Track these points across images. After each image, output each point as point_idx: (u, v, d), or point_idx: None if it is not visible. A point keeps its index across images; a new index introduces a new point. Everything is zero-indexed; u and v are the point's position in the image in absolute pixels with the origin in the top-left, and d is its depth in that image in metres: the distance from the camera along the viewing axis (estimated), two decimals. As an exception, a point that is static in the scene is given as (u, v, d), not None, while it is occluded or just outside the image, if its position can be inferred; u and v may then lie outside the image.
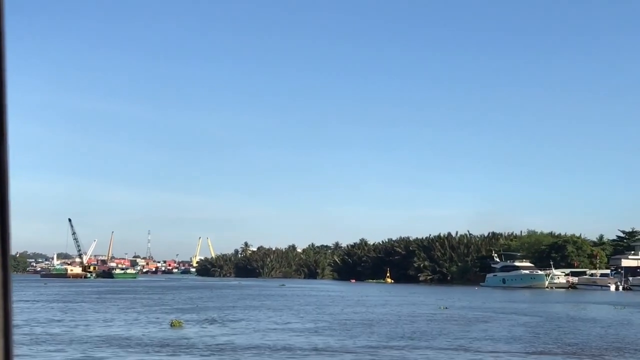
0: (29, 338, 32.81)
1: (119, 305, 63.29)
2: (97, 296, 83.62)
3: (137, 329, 39.22)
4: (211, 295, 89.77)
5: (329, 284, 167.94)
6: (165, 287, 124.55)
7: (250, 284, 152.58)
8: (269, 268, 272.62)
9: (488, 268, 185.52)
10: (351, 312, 56.02)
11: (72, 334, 35.88)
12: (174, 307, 59.99)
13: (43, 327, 39.08)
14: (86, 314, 50.34)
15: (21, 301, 66.93)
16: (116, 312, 52.65)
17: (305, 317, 49.11)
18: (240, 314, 52.19)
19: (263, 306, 63.01)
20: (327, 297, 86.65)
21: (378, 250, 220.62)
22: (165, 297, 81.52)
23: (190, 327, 40.79)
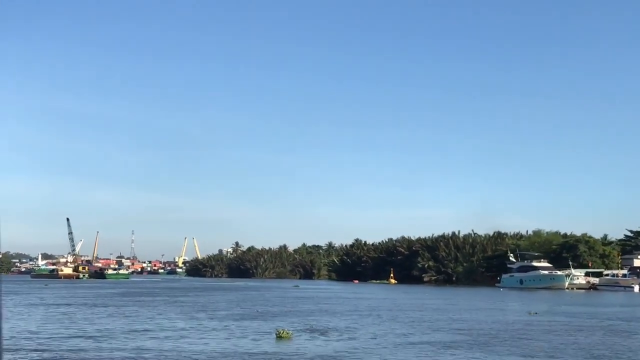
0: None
1: (169, 309, 55.63)
2: (125, 299, 75.71)
3: (239, 341, 32.05)
4: (251, 297, 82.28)
5: (334, 285, 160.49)
6: (182, 289, 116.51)
7: (262, 285, 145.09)
8: (262, 268, 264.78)
9: (494, 268, 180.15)
10: (434, 318, 49.12)
11: (182, 348, 28.58)
12: (236, 313, 52.44)
13: (140, 341, 31.73)
14: (156, 321, 42.81)
15: (55, 305, 59.11)
16: (185, 319, 45.09)
17: (405, 325, 42.05)
18: (326, 320, 44.94)
19: (329, 310, 55.83)
20: (360, 299, 79.57)
21: (379, 250, 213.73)
22: (202, 300, 73.84)
23: (299, 338, 33.59)
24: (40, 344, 30.32)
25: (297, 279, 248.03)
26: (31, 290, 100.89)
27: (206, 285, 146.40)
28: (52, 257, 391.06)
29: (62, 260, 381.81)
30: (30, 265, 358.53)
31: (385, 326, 40.83)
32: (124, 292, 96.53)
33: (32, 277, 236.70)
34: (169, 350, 28.18)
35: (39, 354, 26.85)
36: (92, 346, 29.46)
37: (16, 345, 29.06)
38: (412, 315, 50.58)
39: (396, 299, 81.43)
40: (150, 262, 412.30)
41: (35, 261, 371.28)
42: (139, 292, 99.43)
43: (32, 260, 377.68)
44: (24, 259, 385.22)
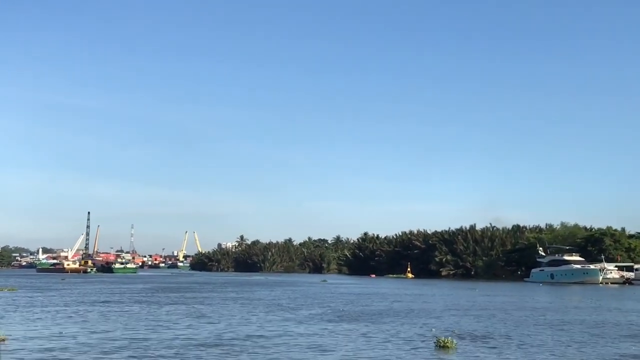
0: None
1: (243, 307, 48.94)
2: (171, 295, 68.89)
3: (396, 351, 25.61)
4: (301, 293, 75.64)
5: (354, 280, 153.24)
6: (211, 284, 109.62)
7: (286, 280, 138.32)
8: (270, 262, 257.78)
9: (514, 262, 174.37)
10: (541, 318, 42.90)
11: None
12: (318, 312, 45.79)
13: (274, 348, 25.15)
14: (261, 323, 36.10)
15: (114, 302, 52.40)
16: (279, 320, 38.49)
17: (562, 332, 35.69)
18: (443, 322, 38.45)
19: (414, 309, 49.39)
20: (411, 296, 73.11)
21: (394, 243, 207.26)
22: (254, 296, 67.18)
23: (464, 347, 27.16)
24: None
25: (306, 272, 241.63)
26: (56, 286, 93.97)
27: (227, 280, 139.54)
28: (52, 251, 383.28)
29: (63, 254, 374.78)
30: (31, 259, 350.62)
31: (530, 330, 34.41)
32: (157, 288, 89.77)
33: (37, 271, 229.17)
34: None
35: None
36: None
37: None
38: (532, 317, 44.23)
39: (451, 296, 75.13)
40: (151, 256, 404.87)
41: (35, 255, 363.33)
42: (172, 287, 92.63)
43: (33, 255, 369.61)
44: (24, 253, 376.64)
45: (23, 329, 33.01)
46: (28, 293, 71.01)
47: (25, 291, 75.50)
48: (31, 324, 35.73)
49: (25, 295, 67.06)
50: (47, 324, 35.95)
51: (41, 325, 35.08)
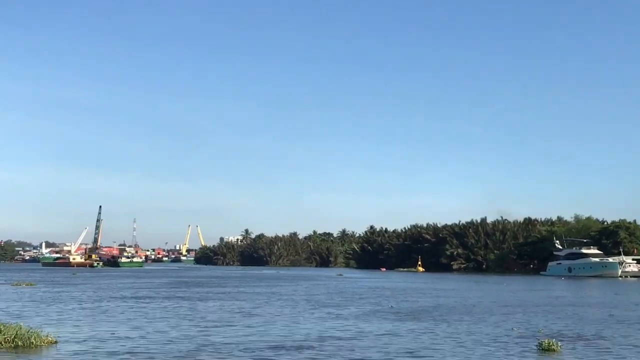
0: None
1: (285, 303, 46.06)
2: (198, 290, 66.02)
3: (498, 352, 22.77)
4: (332, 288, 72.95)
5: (370, 274, 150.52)
6: (228, 278, 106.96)
7: (301, 274, 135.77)
8: (276, 256, 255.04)
9: (526, 255, 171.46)
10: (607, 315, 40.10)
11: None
12: (369, 309, 43.01)
13: (369, 351, 22.28)
14: (306, 318, 33.16)
15: (145, 298, 49.48)
16: (341, 318, 35.62)
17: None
18: (513, 321, 35.60)
19: (470, 307, 46.60)
20: (447, 291, 70.51)
21: (403, 237, 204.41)
22: (283, 291, 64.34)
23: (569, 350, 24.33)
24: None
25: (313, 266, 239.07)
26: (72, 280, 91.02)
27: (242, 274, 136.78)
28: (54, 245, 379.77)
29: (66, 248, 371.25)
30: (34, 254, 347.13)
31: (619, 329, 31.59)
32: (177, 282, 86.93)
33: (43, 265, 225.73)
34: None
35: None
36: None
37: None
38: (601, 314, 41.42)
39: (486, 291, 72.48)
40: (154, 250, 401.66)
41: (38, 249, 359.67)
42: (193, 282, 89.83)
43: (36, 249, 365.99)
44: (27, 247, 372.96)
45: (69, 329, 30.09)
46: (48, 288, 68.08)
47: (44, 286, 72.57)
48: (73, 322, 32.81)
49: (46, 290, 64.13)
50: (90, 322, 33.07)
51: (85, 324, 32.17)
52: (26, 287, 71.62)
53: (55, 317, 35.73)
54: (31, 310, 40.35)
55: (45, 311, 39.43)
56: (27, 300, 49.36)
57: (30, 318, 34.26)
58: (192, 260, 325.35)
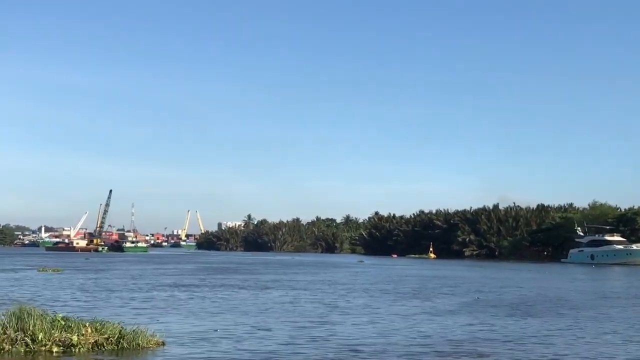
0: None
1: (343, 293, 41.96)
2: (238, 277, 61.82)
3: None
4: (376, 276, 69.06)
5: (387, 261, 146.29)
6: (254, 264, 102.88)
7: (322, 261, 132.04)
8: (280, 242, 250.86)
9: (540, 242, 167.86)
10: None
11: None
12: (457, 301, 38.98)
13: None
14: (403, 312, 29.00)
15: (192, 286, 45.25)
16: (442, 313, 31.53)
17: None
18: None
19: (566, 300, 42.60)
20: (503, 280, 66.71)
21: (412, 223, 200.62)
22: (325, 279, 60.25)
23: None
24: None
25: (318, 252, 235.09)
26: (95, 266, 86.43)
27: (260, 260, 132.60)
28: (53, 230, 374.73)
29: (65, 232, 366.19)
30: (33, 238, 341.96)
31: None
32: (205, 268, 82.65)
33: (46, 250, 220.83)
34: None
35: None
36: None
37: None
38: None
39: (537, 280, 68.62)
40: (153, 235, 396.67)
41: (37, 234, 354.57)
42: (222, 268, 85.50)
43: (35, 233, 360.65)
44: (26, 232, 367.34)
45: (158, 326, 25.76)
46: (79, 275, 63.57)
47: (72, 273, 68.07)
48: (154, 316, 28.53)
49: (79, 277, 59.70)
50: (176, 317, 28.83)
51: (171, 319, 27.90)
52: (53, 272, 67.28)
53: (125, 309, 31.43)
54: (88, 300, 36.04)
55: (106, 302, 35.11)
56: (71, 288, 45.03)
57: (100, 310, 29.95)
58: (193, 246, 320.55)
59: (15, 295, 37.05)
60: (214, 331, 24.22)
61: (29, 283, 49.80)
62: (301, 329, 24.84)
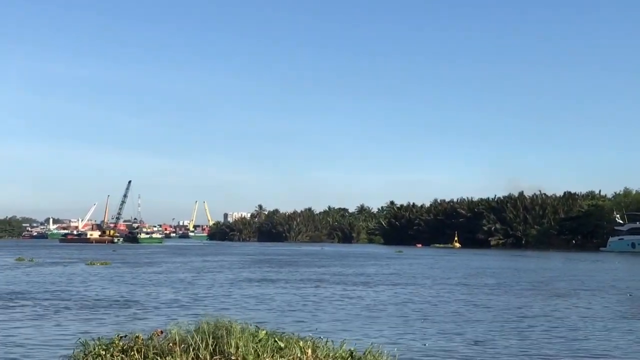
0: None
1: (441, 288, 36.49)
2: (287, 269, 56.38)
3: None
4: (445, 266, 63.68)
5: (421, 251, 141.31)
6: (299, 255, 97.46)
7: (360, 252, 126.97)
8: (295, 232, 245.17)
9: (567, 231, 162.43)
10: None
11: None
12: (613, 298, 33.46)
13: None
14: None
15: (262, 281, 39.70)
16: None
17: None
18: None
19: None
20: (588, 271, 61.36)
21: (434, 212, 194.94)
22: (399, 270, 54.84)
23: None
24: None
25: (335, 242, 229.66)
26: (136, 259, 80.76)
27: (296, 250, 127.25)
28: (60, 222, 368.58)
29: (73, 224, 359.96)
30: (41, 230, 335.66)
31: None
32: (258, 261, 77.01)
33: (60, 241, 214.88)
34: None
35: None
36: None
37: None
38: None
39: (619, 271, 63.20)
40: (160, 225, 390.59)
41: (45, 225, 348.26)
42: (275, 260, 79.94)
43: (43, 225, 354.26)
44: (33, 224, 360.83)
45: (348, 335, 20.18)
46: (135, 269, 57.90)
47: (122, 266, 62.48)
48: (309, 323, 22.96)
49: (140, 271, 54.05)
50: (324, 320, 23.28)
51: (340, 327, 22.32)
52: (100, 266, 61.82)
53: (257, 312, 25.85)
54: (195, 299, 30.46)
55: (219, 301, 29.51)
56: (152, 284, 39.45)
57: (229, 311, 24.32)
58: (203, 237, 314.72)
59: (109, 295, 31.56)
60: (423, 345, 18.71)
61: (96, 279, 44.23)
62: (527, 339, 19.27)
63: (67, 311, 25.75)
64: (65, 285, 38.67)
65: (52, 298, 30.73)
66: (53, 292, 33.95)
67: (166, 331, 15.02)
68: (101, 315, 24.65)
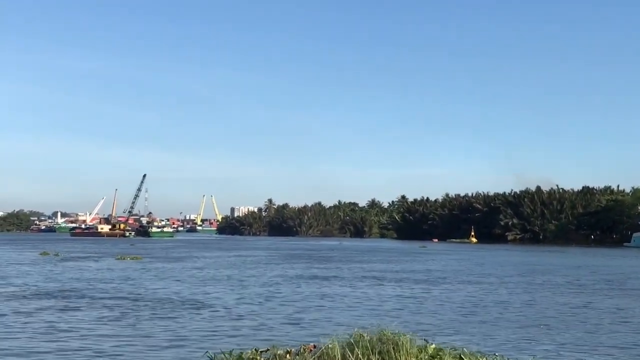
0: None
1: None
2: (320, 264, 53.68)
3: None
4: (495, 262, 61.07)
5: (443, 246, 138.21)
6: (340, 250, 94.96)
7: (375, 246, 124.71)
8: (306, 226, 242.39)
9: (586, 226, 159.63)
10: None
11: None
12: None
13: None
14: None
15: (319, 279, 36.97)
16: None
17: None
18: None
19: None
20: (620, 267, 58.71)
21: (450, 207, 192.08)
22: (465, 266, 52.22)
23: None
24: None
25: (347, 236, 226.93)
26: (161, 252, 78.11)
27: (319, 245, 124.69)
28: (67, 215, 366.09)
29: (81, 218, 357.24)
30: (49, 223, 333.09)
31: None
32: (285, 255, 74.44)
33: (71, 235, 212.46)
34: None
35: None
36: None
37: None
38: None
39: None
40: (168, 219, 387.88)
41: (53, 219, 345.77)
42: (306, 255, 77.28)
43: (50, 218, 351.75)
44: (41, 217, 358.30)
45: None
46: (168, 264, 55.28)
47: (152, 261, 59.85)
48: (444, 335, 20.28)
49: (177, 267, 51.42)
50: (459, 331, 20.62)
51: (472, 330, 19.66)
52: (132, 260, 59.30)
53: (360, 319, 23.16)
54: (253, 297, 27.77)
55: (295, 306, 26.81)
56: (206, 282, 36.79)
57: (331, 316, 21.69)
58: (212, 231, 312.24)
59: (169, 294, 28.89)
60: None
61: (139, 275, 41.63)
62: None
63: (142, 312, 23.09)
64: (115, 282, 36.08)
65: (111, 297, 28.13)
66: (105, 290, 31.37)
67: (319, 345, 12.43)
68: (184, 317, 21.99)
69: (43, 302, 25.84)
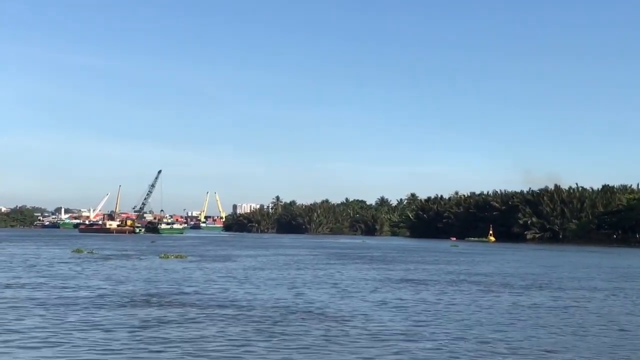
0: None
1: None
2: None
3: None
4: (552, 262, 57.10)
5: (467, 245, 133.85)
6: (371, 248, 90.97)
7: (401, 245, 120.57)
8: (316, 224, 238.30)
9: (607, 225, 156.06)
10: None
11: None
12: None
13: None
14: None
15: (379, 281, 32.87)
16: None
17: None
18: None
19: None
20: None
21: (467, 205, 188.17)
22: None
23: None
24: None
25: (358, 234, 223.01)
26: (197, 251, 73.91)
27: (340, 244, 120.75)
28: (71, 211, 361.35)
29: (84, 214, 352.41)
30: (53, 219, 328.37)
31: None
32: (330, 255, 70.40)
33: (80, 231, 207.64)
34: None
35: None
36: None
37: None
38: None
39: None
40: (171, 216, 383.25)
41: (57, 215, 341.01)
42: (354, 255, 73.23)
43: (54, 214, 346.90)
44: (45, 213, 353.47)
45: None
46: (217, 264, 51.15)
47: (198, 260, 55.73)
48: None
49: (230, 267, 47.33)
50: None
51: None
52: (175, 259, 55.26)
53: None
54: (363, 305, 23.74)
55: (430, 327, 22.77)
56: (273, 284, 32.74)
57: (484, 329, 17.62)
58: (217, 228, 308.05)
59: (266, 299, 24.84)
60: None
61: (206, 277, 37.54)
62: None
63: (312, 328, 18.98)
64: (198, 284, 31.94)
65: (230, 305, 23.96)
66: (206, 295, 27.22)
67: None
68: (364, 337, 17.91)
69: (155, 311, 21.74)
